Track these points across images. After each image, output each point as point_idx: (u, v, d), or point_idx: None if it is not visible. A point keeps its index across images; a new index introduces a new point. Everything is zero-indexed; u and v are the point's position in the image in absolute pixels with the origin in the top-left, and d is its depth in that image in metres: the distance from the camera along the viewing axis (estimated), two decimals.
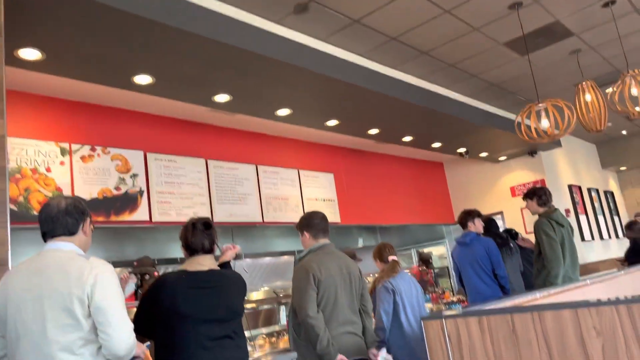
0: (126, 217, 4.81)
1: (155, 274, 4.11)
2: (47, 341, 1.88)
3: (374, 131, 6.09)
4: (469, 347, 2.54)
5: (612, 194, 10.70)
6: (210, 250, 2.60)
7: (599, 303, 2.17)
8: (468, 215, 4.88)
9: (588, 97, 5.23)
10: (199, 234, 2.57)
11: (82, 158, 4.63)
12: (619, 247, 9.98)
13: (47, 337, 1.88)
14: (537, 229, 4.51)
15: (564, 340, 2.25)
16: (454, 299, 5.85)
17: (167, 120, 5.44)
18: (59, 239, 2.08)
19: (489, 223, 5.44)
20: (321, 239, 3.19)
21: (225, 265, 2.83)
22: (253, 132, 6.28)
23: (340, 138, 6.92)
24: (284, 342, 4.56)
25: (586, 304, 2.20)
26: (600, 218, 9.67)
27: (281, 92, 4.58)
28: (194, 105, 5.16)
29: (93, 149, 4.72)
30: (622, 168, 11.08)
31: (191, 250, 2.57)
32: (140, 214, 4.92)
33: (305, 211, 6.60)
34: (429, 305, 5.70)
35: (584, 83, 5.26)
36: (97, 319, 1.93)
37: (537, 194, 4.67)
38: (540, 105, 4.41)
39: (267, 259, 6.44)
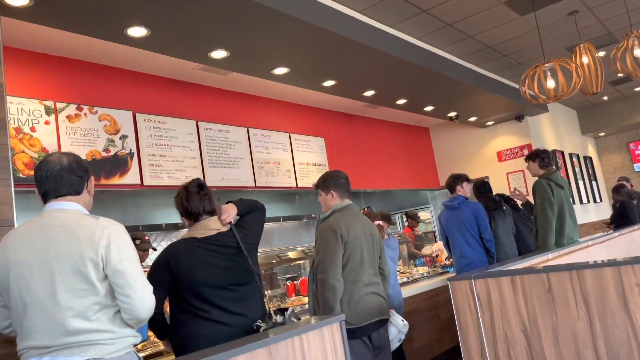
0: (117, 180, 4.58)
1: (147, 237, 3.94)
2: (58, 308, 1.73)
3: (369, 93, 5.94)
4: (499, 307, 2.49)
5: (590, 159, 10.90)
6: (212, 212, 2.45)
7: None
8: (457, 179, 4.83)
9: (585, 59, 5.19)
10: (194, 196, 2.42)
11: (69, 117, 4.34)
12: (597, 211, 10.22)
13: (58, 304, 1.73)
14: (535, 190, 4.48)
15: (605, 299, 2.20)
16: (447, 262, 5.85)
17: (156, 79, 5.16)
18: (63, 198, 1.90)
19: (482, 186, 5.41)
20: (346, 198, 3.10)
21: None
22: (245, 94, 6.04)
23: (331, 101, 6.75)
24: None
25: (630, 262, 2.15)
26: (580, 183, 9.85)
27: (280, 49, 4.36)
28: (184, 65, 4.90)
29: (79, 108, 4.44)
30: (601, 134, 11.27)
31: (193, 215, 2.43)
32: (131, 177, 4.69)
33: (297, 176, 6.49)
34: (423, 269, 5.70)
35: (581, 45, 5.21)
36: (115, 282, 1.78)
37: (539, 156, 4.62)
38: (547, 65, 4.33)
39: None
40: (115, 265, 1.78)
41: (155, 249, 3.56)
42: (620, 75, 8.45)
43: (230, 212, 2.46)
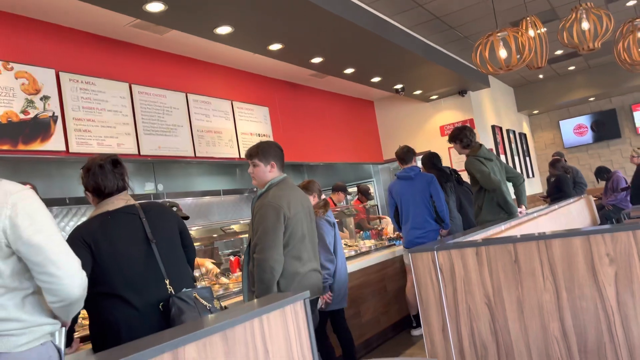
0: (37, 146, 4.09)
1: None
2: None
3: (317, 60, 5.67)
4: (463, 280, 2.37)
5: (525, 136, 11.25)
6: (124, 189, 2.23)
7: (614, 229, 2.04)
8: (411, 151, 4.76)
9: (531, 32, 5.18)
10: (109, 175, 2.17)
11: None
12: (530, 186, 10.59)
13: None
14: (468, 169, 4.47)
15: (573, 269, 2.12)
16: (394, 235, 5.79)
17: (84, 35, 4.63)
18: None
19: (434, 158, 5.38)
20: (282, 170, 2.88)
21: None
22: (183, 57, 5.60)
23: (276, 69, 6.43)
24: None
25: (600, 231, 2.06)
26: (516, 159, 10.14)
27: (224, 4, 4.00)
28: (116, 20, 4.43)
29: None
30: (535, 112, 11.63)
31: (104, 194, 2.18)
32: (54, 143, 4.21)
33: (240, 147, 6.16)
34: (370, 242, 5.60)
35: (528, 18, 5.19)
36: (31, 260, 1.46)
37: (458, 138, 4.59)
38: (500, 34, 4.24)
39: (189, 200, 5.97)
40: (28, 240, 1.45)
41: (188, 217, 3.07)
42: (558, 52, 8.67)
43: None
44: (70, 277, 1.49)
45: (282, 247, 2.66)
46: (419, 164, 5.23)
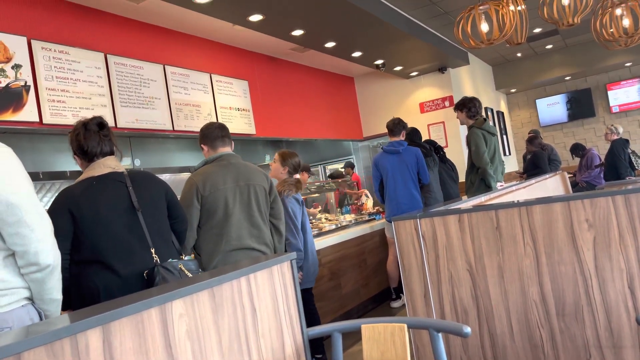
0: (9, 116, 3.96)
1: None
2: None
3: (298, 32, 5.58)
4: (445, 247, 2.39)
5: (502, 114, 11.36)
6: (110, 154, 2.19)
7: (593, 194, 2.08)
8: (401, 123, 4.75)
9: (512, 7, 5.19)
10: (93, 135, 2.13)
11: None
12: (507, 164, 10.74)
13: None
14: (470, 139, 4.50)
15: (552, 234, 2.16)
16: (374, 210, 5.83)
17: (57, 2, 4.46)
18: None
19: (414, 134, 5.38)
20: (220, 148, 2.85)
21: None
22: (161, 27, 5.46)
23: (256, 42, 6.32)
24: None
25: (579, 196, 2.09)
26: None
27: None
28: None
29: None
30: (512, 90, 11.74)
31: (88, 156, 2.14)
32: (26, 114, 4.08)
33: (220, 121, 6.07)
34: (350, 217, 5.63)
35: None
36: (5, 220, 1.42)
37: (466, 106, 4.63)
38: (482, 7, 4.24)
39: (167, 176, 5.88)
40: (5, 198, 1.41)
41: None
42: (536, 30, 8.73)
43: None
44: (42, 241, 1.45)
45: (194, 223, 2.66)
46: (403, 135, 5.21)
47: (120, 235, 2.01)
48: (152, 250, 2.05)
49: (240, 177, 2.79)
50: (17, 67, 4.06)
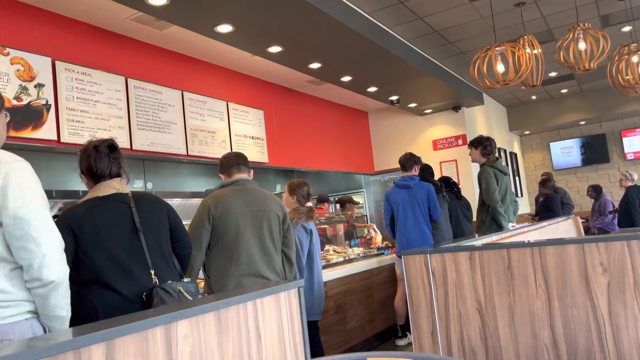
0: (28, 133, 4.03)
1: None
2: None
3: (315, 65, 5.68)
4: (455, 284, 2.35)
5: (515, 155, 11.34)
6: (117, 175, 2.22)
7: (608, 238, 2.04)
8: (414, 157, 4.77)
9: (528, 50, 5.25)
10: (103, 157, 2.17)
11: None
12: (519, 205, 10.65)
13: None
14: (481, 177, 4.50)
15: (565, 277, 2.11)
16: (383, 244, 5.78)
17: (83, 26, 4.60)
18: None
19: (425, 170, 5.38)
20: (235, 174, 2.92)
21: None
22: (181, 54, 5.58)
23: (273, 73, 6.43)
24: None
25: (594, 239, 2.06)
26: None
27: (226, 2, 3.99)
28: (116, 13, 4.41)
29: None
30: (526, 132, 11.75)
31: (96, 177, 2.17)
32: (45, 132, 4.16)
33: (233, 148, 6.13)
34: (359, 250, 5.58)
35: (525, 36, 5.26)
36: (13, 233, 1.42)
37: (482, 144, 4.64)
38: (498, 48, 4.29)
39: (177, 200, 5.90)
40: (14, 212, 1.41)
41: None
42: (552, 74, 8.79)
43: None
44: (47, 257, 1.45)
45: (203, 244, 2.68)
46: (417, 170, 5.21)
47: (120, 256, 2.01)
48: (152, 272, 2.05)
49: (254, 202, 2.81)
50: (39, 86, 4.15)
